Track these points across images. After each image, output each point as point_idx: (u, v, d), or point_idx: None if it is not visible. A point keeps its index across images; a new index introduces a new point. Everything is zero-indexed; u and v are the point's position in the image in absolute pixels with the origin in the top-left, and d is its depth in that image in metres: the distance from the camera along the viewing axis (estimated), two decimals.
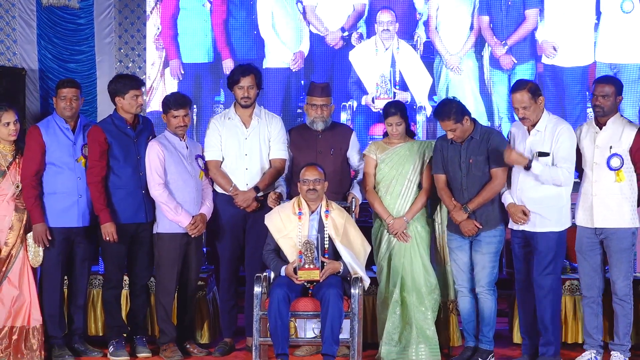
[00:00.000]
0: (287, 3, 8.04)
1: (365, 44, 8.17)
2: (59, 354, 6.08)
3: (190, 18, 8.24)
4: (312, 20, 8.22)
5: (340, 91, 8.27)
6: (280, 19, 8.03)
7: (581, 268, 5.96)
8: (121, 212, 6.14)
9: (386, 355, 6.07)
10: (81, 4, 9.63)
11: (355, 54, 8.25)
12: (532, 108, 5.77)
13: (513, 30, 8.27)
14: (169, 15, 8.23)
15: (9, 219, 6.10)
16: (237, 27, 8.23)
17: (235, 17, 8.23)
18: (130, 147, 6.20)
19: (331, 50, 8.34)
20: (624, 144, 5.77)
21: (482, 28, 8.16)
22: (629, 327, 5.86)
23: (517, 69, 8.39)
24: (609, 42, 8.40)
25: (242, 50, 8.15)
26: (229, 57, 8.30)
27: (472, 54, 8.29)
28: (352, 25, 8.24)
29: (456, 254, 6.05)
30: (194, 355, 6.27)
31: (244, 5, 8.19)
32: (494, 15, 8.21)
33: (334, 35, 8.23)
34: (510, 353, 6.21)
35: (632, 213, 5.79)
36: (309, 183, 5.87)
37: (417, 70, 8.18)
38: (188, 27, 8.32)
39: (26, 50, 9.66)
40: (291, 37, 8.05)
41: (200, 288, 6.59)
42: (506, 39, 8.31)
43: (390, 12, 8.25)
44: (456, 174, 5.98)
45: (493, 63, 8.38)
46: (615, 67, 8.43)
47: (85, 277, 6.36)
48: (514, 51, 8.40)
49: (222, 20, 8.24)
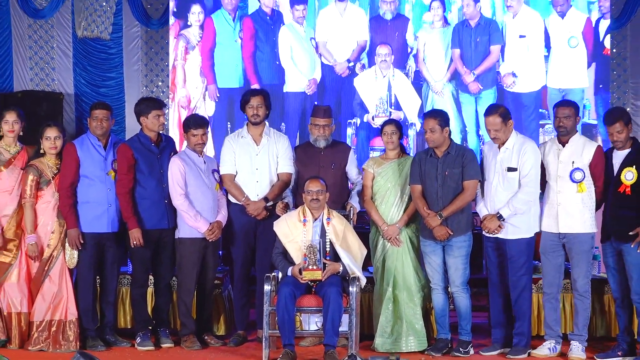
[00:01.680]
0: (303, 39, 8.53)
1: (367, 72, 8.74)
2: (92, 344, 6.35)
3: (225, 51, 8.65)
4: (323, 53, 8.73)
5: (346, 111, 8.84)
6: (297, 52, 8.55)
7: (544, 268, 6.26)
8: (146, 220, 6.40)
9: (380, 346, 6.36)
10: (112, 36, 9.94)
11: (358, 80, 8.81)
12: (502, 130, 6.13)
13: (480, 62, 8.84)
14: (207, 49, 8.62)
15: (52, 224, 6.37)
16: (263, 59, 8.71)
17: (261, 50, 8.73)
18: (154, 162, 6.47)
19: (339, 78, 8.85)
20: (585, 159, 6.10)
21: (455, 59, 8.73)
22: (587, 319, 6.17)
23: (482, 94, 8.95)
24: (558, 71, 8.90)
25: (266, 77, 8.67)
26: (256, 83, 8.75)
27: (453, 82, 8.93)
28: (356, 57, 8.78)
29: (430, 257, 6.29)
30: (211, 346, 6.51)
31: (268, 41, 8.64)
32: (464, 50, 8.77)
33: (341, 65, 8.78)
34: (488, 343, 6.38)
35: (592, 220, 6.12)
36: (312, 194, 6.17)
37: (408, 93, 8.77)
38: (223, 58, 8.72)
39: (63, 76, 9.95)
40: (306, 67, 8.58)
41: (217, 286, 6.82)
42: (474, 69, 8.89)
43: (387, 46, 8.83)
44: (432, 185, 6.21)
45: (463, 88, 8.92)
46: (563, 91, 8.92)
47: (115, 277, 6.59)
48: (481, 79, 8.96)
49: (250, 53, 8.71)
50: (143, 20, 10.09)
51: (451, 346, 6.37)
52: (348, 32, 8.65)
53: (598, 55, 8.72)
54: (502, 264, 6.32)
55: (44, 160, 6.49)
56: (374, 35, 8.68)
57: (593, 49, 8.70)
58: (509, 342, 6.30)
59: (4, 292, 6.45)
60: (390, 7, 8.61)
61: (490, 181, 6.27)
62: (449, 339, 6.40)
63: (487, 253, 6.40)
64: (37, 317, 6.42)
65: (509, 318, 6.35)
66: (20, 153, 6.54)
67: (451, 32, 8.66)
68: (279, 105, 8.77)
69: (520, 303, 6.23)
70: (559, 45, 8.52)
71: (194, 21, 8.49)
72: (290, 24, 8.60)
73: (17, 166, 6.49)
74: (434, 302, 6.45)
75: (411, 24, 8.80)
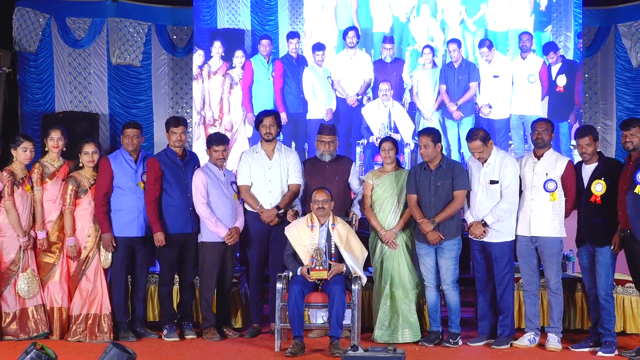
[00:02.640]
0: (322, 77, 8.85)
1: (372, 103, 9.02)
2: (124, 336, 6.39)
3: (260, 86, 8.91)
4: (337, 89, 9.00)
5: (355, 133, 9.09)
6: (317, 87, 8.86)
7: (522, 268, 6.29)
8: (173, 225, 6.44)
9: (379, 337, 6.39)
10: (142, 63, 10.03)
11: (365, 110, 9.08)
12: (485, 151, 6.19)
13: (461, 95, 9.12)
14: (247, 85, 8.90)
15: (88, 228, 6.44)
16: (290, 92, 8.98)
17: (289, 86, 8.98)
18: (179, 174, 6.51)
19: (350, 108, 9.11)
20: (557, 172, 6.13)
21: (441, 93, 9.06)
22: (561, 313, 6.21)
23: (463, 120, 9.20)
24: (519, 101, 9.17)
25: (292, 107, 8.97)
26: (284, 111, 8.99)
27: (439, 110, 9.23)
28: (363, 92, 9.08)
29: (424, 259, 6.33)
30: (230, 337, 6.55)
31: (294, 78, 8.92)
32: (449, 85, 9.11)
33: (352, 98, 9.06)
34: (475, 335, 6.39)
35: (561, 226, 6.15)
36: (318, 203, 6.22)
37: (404, 120, 9.05)
38: (259, 92, 8.97)
39: (99, 99, 10.01)
40: (325, 99, 8.88)
41: (235, 284, 6.86)
42: (456, 101, 9.15)
43: (388, 83, 9.12)
44: (426, 194, 6.27)
45: (448, 115, 9.23)
46: (523, 118, 9.15)
47: (144, 276, 6.64)
48: (462, 108, 9.23)
49: (280, 88, 8.94)
50: (169, 49, 10.15)
51: (442, 337, 6.41)
52: (357, 72, 9.04)
53: (552, 90, 9.00)
54: (488, 264, 6.35)
55: (82, 172, 6.55)
56: (377, 75, 9.06)
57: (547, 85, 9.03)
58: (494, 334, 6.33)
59: (48, 289, 6.51)
60: (390, 52, 8.99)
61: (475, 192, 6.31)
62: (440, 331, 6.43)
63: (473, 255, 6.42)
64: (75, 311, 6.46)
65: (494, 312, 6.37)
66: (62, 167, 6.61)
67: (439, 72, 9.04)
68: (303, 129, 9.29)
69: (505, 298, 6.26)
70: (520, 81, 8.91)
71: (237, 63, 8.86)
72: (312, 66, 8.95)
73: (60, 178, 6.55)
74: (427, 298, 6.48)
75: (407, 66, 9.13)
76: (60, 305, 6.50)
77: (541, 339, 6.28)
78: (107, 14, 10.04)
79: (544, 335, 6.27)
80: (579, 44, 9.13)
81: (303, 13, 8.83)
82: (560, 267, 6.32)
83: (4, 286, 6.39)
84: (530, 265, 6.28)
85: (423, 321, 6.63)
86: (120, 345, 4.91)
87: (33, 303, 6.45)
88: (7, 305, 6.40)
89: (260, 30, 9.01)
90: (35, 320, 6.44)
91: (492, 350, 6.17)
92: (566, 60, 9.03)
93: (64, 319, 6.51)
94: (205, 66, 9.01)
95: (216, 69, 8.95)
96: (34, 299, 6.45)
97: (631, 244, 5.85)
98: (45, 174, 6.50)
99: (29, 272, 6.43)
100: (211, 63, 8.99)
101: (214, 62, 9.00)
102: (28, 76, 9.92)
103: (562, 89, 8.92)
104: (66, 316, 6.51)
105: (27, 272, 6.42)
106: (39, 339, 6.20)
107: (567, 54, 9.03)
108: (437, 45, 9.06)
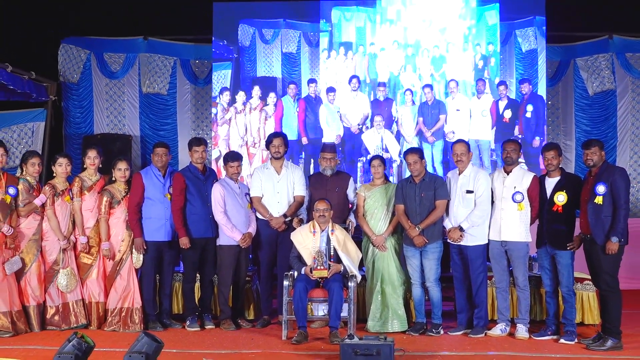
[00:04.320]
0: (333, 112, 9.14)
1: (370, 131, 9.26)
2: (153, 326, 6.42)
3: (288, 118, 9.18)
4: (344, 120, 9.26)
5: (357, 153, 9.25)
6: (330, 119, 9.13)
7: (494, 268, 6.28)
8: (195, 230, 6.45)
9: (371, 327, 6.38)
10: (168, 92, 10.03)
11: (364, 136, 9.29)
12: (466, 155, 6.23)
13: (434, 124, 9.35)
14: (279, 118, 9.19)
15: (122, 234, 6.46)
16: (310, 123, 9.18)
17: (309, 118, 9.20)
18: (201, 187, 6.51)
19: (353, 134, 9.30)
20: (524, 185, 6.15)
21: (419, 123, 9.30)
22: (528, 307, 6.21)
23: (435, 143, 9.37)
24: (475, 129, 9.41)
25: (312, 134, 9.17)
26: (305, 137, 9.22)
27: (417, 136, 9.38)
28: (363, 122, 9.30)
29: (411, 260, 6.34)
30: (243, 327, 6.56)
31: (313, 113, 9.12)
32: (425, 118, 9.38)
33: (354, 127, 9.28)
34: (454, 325, 6.40)
35: (526, 232, 6.14)
36: (320, 211, 6.24)
37: (393, 143, 9.27)
38: (287, 122, 9.22)
39: (131, 122, 10.01)
40: (335, 127, 9.11)
41: (248, 282, 6.86)
42: (430, 129, 9.30)
43: (380, 116, 9.31)
44: (412, 204, 6.28)
45: (424, 139, 9.42)
46: (478, 142, 9.35)
47: (170, 275, 6.67)
48: (434, 134, 9.36)
49: (303, 119, 9.17)
50: (192, 80, 10.13)
51: (426, 328, 6.41)
52: (358, 108, 9.37)
53: (499, 121, 9.28)
54: (464, 265, 6.34)
55: (115, 185, 6.56)
56: (373, 110, 9.36)
57: (495, 118, 9.31)
58: (471, 325, 6.34)
59: (86, 286, 6.52)
60: (383, 93, 9.33)
61: (453, 201, 6.31)
62: (425, 322, 6.44)
63: (452, 257, 6.41)
64: (111, 305, 6.48)
65: (470, 306, 6.37)
66: (99, 181, 6.62)
67: (417, 108, 9.39)
68: (319, 150, 9.53)
69: (479, 294, 6.26)
70: (476, 114, 9.21)
71: (271, 102, 9.22)
72: (326, 104, 9.31)
73: (96, 191, 6.56)
74: (413, 293, 6.48)
75: (394, 104, 9.41)
76: (98, 300, 6.52)
77: (511, 328, 6.31)
78: (139, 50, 10.06)
79: (514, 326, 6.30)
80: (520, 88, 9.37)
81: (319, 65, 9.24)
82: (527, 267, 6.32)
83: (48, 283, 6.40)
84: (501, 265, 6.28)
85: (410, 313, 6.62)
86: (149, 334, 4.93)
87: (73, 298, 6.45)
88: (52, 299, 6.41)
89: (288, 78, 9.42)
90: (75, 312, 6.46)
91: (469, 338, 6.17)
92: (510, 99, 9.26)
93: (100, 312, 6.52)
94: (248, 103, 9.34)
95: (255, 105, 9.32)
96: (74, 294, 6.45)
97: (591, 246, 5.83)
98: (84, 187, 6.52)
99: (68, 269, 6.42)
100: (252, 102, 9.32)
101: (254, 101, 9.33)
102: (71, 103, 9.94)
103: (507, 120, 9.21)
104: (103, 309, 6.53)
105: (67, 269, 6.41)
106: (79, 329, 6.28)
107: (511, 94, 9.25)
108: (416, 90, 9.44)
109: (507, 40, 9.39)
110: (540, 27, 9.23)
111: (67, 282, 6.40)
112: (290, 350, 5.70)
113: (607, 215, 5.70)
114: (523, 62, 9.43)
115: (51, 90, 9.41)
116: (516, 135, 9.21)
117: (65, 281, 6.40)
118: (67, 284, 6.40)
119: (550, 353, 5.62)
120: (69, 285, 6.40)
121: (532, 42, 9.36)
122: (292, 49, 9.38)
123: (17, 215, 6.30)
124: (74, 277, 6.45)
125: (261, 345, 5.92)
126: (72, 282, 6.43)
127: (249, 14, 9.57)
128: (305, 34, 9.36)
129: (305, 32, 9.36)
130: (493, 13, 9.30)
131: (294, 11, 9.47)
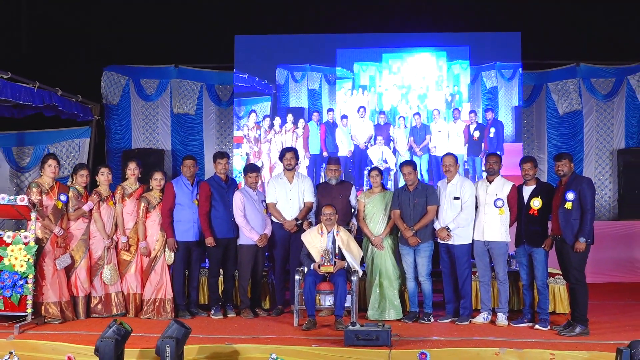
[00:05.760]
0: (346, 133, 9.46)
1: (373, 147, 9.48)
2: (182, 314, 6.40)
3: (313, 138, 9.42)
4: (354, 139, 9.47)
5: (364, 164, 9.39)
6: (344, 139, 9.42)
7: (478, 265, 6.26)
8: (219, 232, 6.46)
9: (371, 316, 6.36)
10: (196, 112, 9.95)
11: (369, 151, 9.47)
12: (453, 167, 6.22)
13: (421, 142, 9.55)
14: (306, 137, 9.47)
15: (156, 235, 6.48)
16: (329, 141, 9.42)
17: (328, 137, 9.44)
18: (224, 194, 6.50)
19: (361, 150, 9.50)
20: (504, 193, 6.14)
21: (410, 142, 9.54)
22: (507, 298, 6.20)
23: (422, 157, 9.49)
24: (453, 145, 9.43)
25: (330, 149, 9.47)
26: (325, 151, 9.46)
27: (409, 151, 9.53)
28: (368, 140, 9.49)
29: (405, 257, 6.35)
30: (260, 316, 6.53)
31: (331, 134, 9.36)
32: (415, 137, 9.57)
33: (362, 144, 9.51)
34: (443, 314, 6.36)
35: (506, 233, 6.13)
36: (326, 215, 6.24)
37: (390, 156, 9.47)
38: (312, 140, 9.49)
39: (164, 138, 9.94)
40: (347, 143, 9.40)
41: (264, 276, 6.82)
42: (419, 145, 9.50)
43: (381, 136, 9.51)
44: (407, 209, 6.28)
45: (414, 153, 9.59)
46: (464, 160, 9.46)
47: (197, 270, 6.65)
48: (422, 149, 9.51)
49: (323, 139, 9.46)
50: (216, 102, 10.09)
51: (419, 316, 6.38)
52: (365, 130, 9.63)
53: (470, 140, 9.47)
54: (452, 261, 6.31)
55: (151, 193, 6.57)
56: (376, 132, 9.64)
57: (467, 137, 9.50)
58: (457, 313, 6.31)
59: (125, 279, 6.52)
60: (383, 119, 9.65)
61: (442, 206, 6.30)
62: (417, 311, 6.42)
63: (441, 254, 6.39)
64: (146, 296, 6.47)
65: (457, 297, 6.34)
66: (138, 189, 6.62)
67: (409, 130, 9.65)
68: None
69: (465, 287, 6.25)
70: (453, 134, 9.46)
71: (300, 126, 9.55)
72: (341, 127, 9.61)
73: (135, 198, 6.56)
74: (407, 286, 6.47)
75: (392, 127, 9.68)
76: (135, 292, 6.54)
77: (492, 317, 6.28)
78: (171, 76, 10.04)
79: (495, 314, 6.27)
80: (486, 114, 9.55)
81: (335, 98, 9.65)
82: (506, 264, 6.30)
83: (93, 276, 6.41)
84: (484, 262, 6.27)
85: (404, 304, 6.59)
86: (179, 321, 4.93)
87: (115, 289, 6.46)
88: (96, 290, 6.42)
89: (312, 108, 9.76)
90: (116, 302, 6.47)
91: (456, 325, 6.14)
92: (478, 123, 9.48)
93: (137, 302, 6.53)
94: (283, 127, 9.63)
95: (289, 129, 9.59)
96: (115, 286, 6.45)
97: (562, 246, 5.82)
98: (125, 194, 6.53)
99: (111, 265, 6.43)
100: (286, 126, 9.62)
101: (288, 125, 9.63)
102: (112, 122, 9.92)
103: (476, 139, 9.45)
104: (139, 300, 6.52)
105: (110, 265, 6.42)
106: (118, 317, 6.31)
107: (479, 120, 9.48)
108: (408, 116, 9.74)
109: (475, 80, 9.62)
110: (500, 70, 9.54)
111: (111, 275, 6.41)
112: (301, 336, 5.68)
113: (575, 218, 5.71)
114: (487, 96, 9.63)
115: (95, 111, 9.42)
116: (484, 150, 9.35)
117: (109, 275, 6.41)
118: (111, 277, 6.42)
119: (526, 338, 5.60)
120: (112, 279, 6.41)
121: (494, 81, 9.57)
122: (316, 87, 9.82)
123: (67, 219, 6.32)
124: (116, 272, 6.46)
125: (276, 331, 5.90)
126: (115, 276, 6.45)
127: (265, 44, 9.68)
128: (325, 75, 9.81)
129: (325, 74, 9.80)
130: (457, 66, 9.63)
131: (314, 56, 9.87)
